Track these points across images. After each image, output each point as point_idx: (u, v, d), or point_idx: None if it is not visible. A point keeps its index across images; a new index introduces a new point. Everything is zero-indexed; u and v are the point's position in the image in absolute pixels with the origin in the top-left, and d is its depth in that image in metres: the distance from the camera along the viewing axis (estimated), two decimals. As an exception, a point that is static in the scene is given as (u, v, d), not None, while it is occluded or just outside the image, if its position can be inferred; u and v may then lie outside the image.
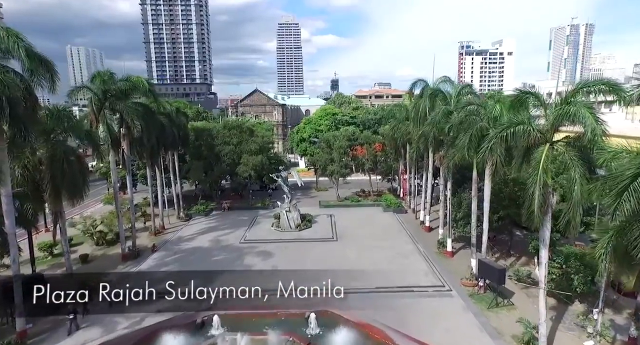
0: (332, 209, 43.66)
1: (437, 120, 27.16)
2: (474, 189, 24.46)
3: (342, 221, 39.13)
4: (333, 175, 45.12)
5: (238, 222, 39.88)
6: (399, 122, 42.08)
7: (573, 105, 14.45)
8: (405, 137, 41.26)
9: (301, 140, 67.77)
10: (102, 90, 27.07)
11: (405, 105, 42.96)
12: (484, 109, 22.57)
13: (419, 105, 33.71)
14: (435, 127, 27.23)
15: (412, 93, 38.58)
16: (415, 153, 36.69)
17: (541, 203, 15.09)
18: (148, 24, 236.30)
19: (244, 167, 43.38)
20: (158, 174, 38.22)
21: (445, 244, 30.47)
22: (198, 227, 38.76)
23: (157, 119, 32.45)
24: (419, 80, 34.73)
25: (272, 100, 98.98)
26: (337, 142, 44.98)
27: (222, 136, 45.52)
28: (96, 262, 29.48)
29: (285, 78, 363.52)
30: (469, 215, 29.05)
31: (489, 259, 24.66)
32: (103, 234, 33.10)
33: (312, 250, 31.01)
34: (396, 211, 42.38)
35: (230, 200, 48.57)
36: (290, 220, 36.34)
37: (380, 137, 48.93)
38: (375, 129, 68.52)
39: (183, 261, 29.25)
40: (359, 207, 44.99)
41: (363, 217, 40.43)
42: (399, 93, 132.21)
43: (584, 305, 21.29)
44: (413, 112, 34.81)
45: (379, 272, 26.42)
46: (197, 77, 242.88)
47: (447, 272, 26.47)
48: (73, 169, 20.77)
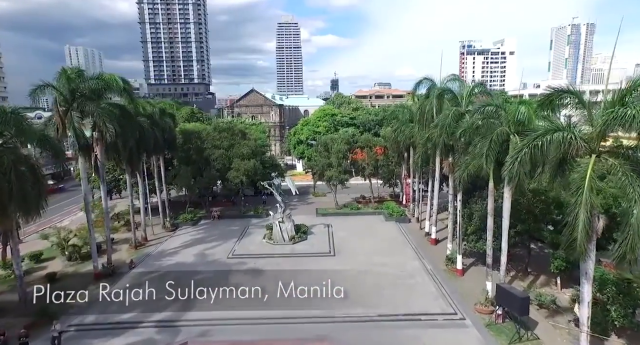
0: (330, 218, 40.55)
1: (446, 123, 24.09)
2: (490, 202, 21.35)
3: (341, 232, 36.01)
4: (331, 181, 41.99)
5: (228, 232, 36.76)
6: (402, 124, 39.03)
7: (631, 106, 11.33)
8: (408, 140, 38.22)
9: (298, 143, 64.70)
10: (70, 89, 24.01)
11: (408, 106, 39.87)
12: (504, 110, 19.48)
13: (424, 106, 30.67)
14: (445, 131, 24.13)
15: (415, 93, 35.46)
16: (421, 158, 33.54)
17: (587, 229, 12.02)
18: (145, 23, 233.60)
19: (235, 172, 40.29)
20: (140, 180, 35.10)
21: (454, 260, 27.39)
22: (184, 238, 35.63)
23: (135, 122, 29.35)
24: (425, 79, 31.61)
25: (269, 101, 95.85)
26: (336, 146, 41.85)
27: (211, 139, 42.44)
28: (64, 282, 26.28)
29: (285, 78, 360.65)
30: (481, 228, 26.02)
31: (508, 284, 21.46)
32: (77, 248, 30.04)
33: (306, 267, 27.89)
34: (399, 220, 39.27)
35: (222, 207, 45.56)
36: (283, 232, 33.23)
37: (382, 139, 45.80)
38: (376, 131, 65.52)
39: (161, 281, 25.99)
40: (359, 215, 41.88)
41: (363, 228, 37.31)
42: (399, 93, 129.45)
43: (624, 343, 18.18)
44: (418, 114, 31.73)
45: (382, 296, 23.35)
46: (195, 77, 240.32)
47: (458, 295, 23.38)
48: (24, 180, 17.67)
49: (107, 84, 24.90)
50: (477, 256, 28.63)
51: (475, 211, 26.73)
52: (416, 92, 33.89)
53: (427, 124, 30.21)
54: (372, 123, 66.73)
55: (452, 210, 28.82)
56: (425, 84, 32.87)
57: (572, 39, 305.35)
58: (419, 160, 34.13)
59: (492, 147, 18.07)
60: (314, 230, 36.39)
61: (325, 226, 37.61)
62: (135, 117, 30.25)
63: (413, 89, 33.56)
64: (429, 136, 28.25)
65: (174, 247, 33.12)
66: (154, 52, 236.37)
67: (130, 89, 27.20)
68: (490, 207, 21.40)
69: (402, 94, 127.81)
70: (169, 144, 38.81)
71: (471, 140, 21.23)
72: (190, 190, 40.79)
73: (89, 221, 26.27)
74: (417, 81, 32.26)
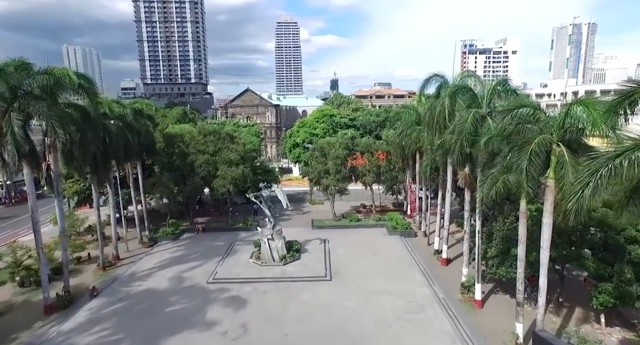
0: (326, 231, 36.42)
1: (465, 128, 19.93)
2: (523, 227, 17.17)
3: (339, 249, 31.85)
4: (328, 189, 37.79)
5: (211, 249, 32.59)
6: (407, 126, 34.87)
7: None
8: (415, 145, 34.09)
9: (294, 146, 60.48)
10: (10, 86, 19.83)
11: (414, 107, 35.65)
12: (543, 113, 15.32)
13: (435, 107, 26.51)
14: (464, 138, 19.96)
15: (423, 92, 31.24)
16: (430, 167, 29.36)
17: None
18: (141, 21, 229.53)
19: (221, 180, 36.11)
20: (111, 191, 30.86)
21: (471, 288, 23.24)
22: (161, 256, 31.45)
23: (99, 125, 25.19)
24: (435, 76, 27.44)
25: (264, 101, 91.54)
26: (334, 151, 37.59)
27: (195, 144, 38.25)
28: (8, 317, 22.12)
29: (284, 78, 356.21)
30: (503, 251, 21.92)
31: (549, 332, 17.24)
32: (30, 272, 25.83)
33: (298, 297, 23.73)
34: (404, 234, 35.10)
35: (208, 217, 41.41)
36: (273, 251, 29.06)
37: (384, 143, 41.61)
38: (377, 133, 61.35)
39: (124, 315, 21.93)
40: (359, 228, 37.70)
41: (364, 243, 33.14)
42: (401, 93, 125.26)
43: None
44: (427, 116, 27.60)
45: (387, 339, 19.16)
46: (192, 77, 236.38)
47: (480, 338, 19.19)
48: None
49: (57, 80, 20.69)
50: (498, 283, 24.46)
51: (496, 231, 22.54)
52: (424, 90, 29.67)
53: (438, 127, 26.11)
54: (374, 125, 62.53)
55: (467, 229, 24.66)
56: (434, 82, 28.68)
57: (573, 39, 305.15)
58: (427, 168, 29.92)
59: (534, 160, 13.91)
60: (308, 247, 32.22)
61: (321, 241, 33.45)
62: (100, 120, 26.09)
63: (420, 88, 29.37)
64: (442, 142, 24.09)
65: (148, 268, 28.89)
66: (150, 51, 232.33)
67: (90, 87, 22.93)
68: (523, 233, 17.23)
69: (404, 94, 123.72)
70: (147, 148, 34.60)
71: (499, 150, 17.07)
72: (172, 200, 36.57)
73: (37, 244, 22.00)
74: (426, 78, 28.04)
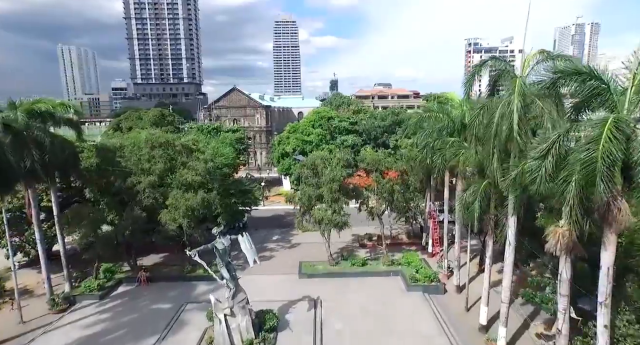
0: (319, 283, 25.88)
1: (603, 153, 9.42)
2: None
3: (337, 322, 21.21)
4: (322, 225, 27.06)
5: (149, 318, 22.02)
6: (434, 137, 24.44)
7: None
8: (447, 164, 23.61)
9: (282, 156, 49.82)
10: None
11: (445, 110, 24.93)
12: None
13: (492, 109, 16.11)
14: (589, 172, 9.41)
15: (467, 89, 20.67)
16: (480, 204, 18.50)
17: None
18: (131, 18, 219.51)
19: (172, 213, 25.50)
20: None
21: None
22: (69, 332, 20.80)
23: None
24: (493, 59, 16.97)
25: (253, 101, 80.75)
26: (329, 171, 26.73)
27: (138, 160, 27.62)
28: None
29: (282, 78, 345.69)
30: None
31: None
32: None
33: None
34: (428, 290, 24.57)
35: (166, 253, 30.86)
36: (233, 334, 18.43)
37: (401, 159, 30.99)
38: (383, 140, 50.82)
39: None
40: (365, 276, 27.01)
41: (373, 310, 22.50)
42: (405, 93, 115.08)
43: None
44: (479, 126, 17.09)
45: None
46: (184, 77, 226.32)
47: None
48: None
49: None
50: None
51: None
52: (471, 85, 19.07)
53: (497, 141, 15.76)
54: (379, 130, 51.80)
55: (565, 320, 14.12)
56: (485, 70, 18.23)
57: (576, 39, 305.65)
58: (475, 206, 18.94)
59: None
60: (291, 317, 21.61)
61: (310, 305, 22.86)
62: None
63: (466, 80, 18.85)
64: (519, 172, 13.57)
65: (34, 362, 18.28)
66: (141, 50, 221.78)
67: None
68: None
69: (408, 94, 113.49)
70: (59, 167, 23.94)
71: None
72: (100, 241, 25.77)
73: None
74: (477, 64, 17.53)
